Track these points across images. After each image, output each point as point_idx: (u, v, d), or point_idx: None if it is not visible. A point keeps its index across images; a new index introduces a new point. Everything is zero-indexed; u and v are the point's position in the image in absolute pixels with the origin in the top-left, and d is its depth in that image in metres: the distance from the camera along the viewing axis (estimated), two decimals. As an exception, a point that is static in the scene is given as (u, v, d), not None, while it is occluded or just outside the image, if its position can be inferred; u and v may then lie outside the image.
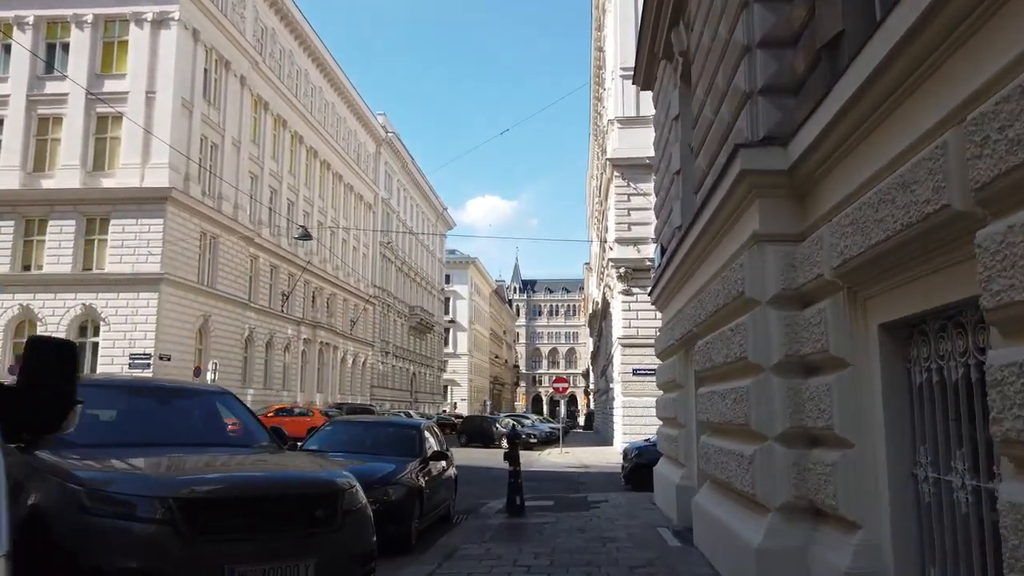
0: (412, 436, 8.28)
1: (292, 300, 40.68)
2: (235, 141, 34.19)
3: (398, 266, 61.98)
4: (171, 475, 4.05)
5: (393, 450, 8.03)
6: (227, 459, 4.52)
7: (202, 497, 3.71)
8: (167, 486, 3.73)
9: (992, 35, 2.62)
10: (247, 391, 34.98)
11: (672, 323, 8.72)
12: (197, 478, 4.04)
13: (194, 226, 30.37)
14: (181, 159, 29.12)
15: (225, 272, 32.90)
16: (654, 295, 10.53)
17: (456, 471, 10.04)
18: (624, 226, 27.27)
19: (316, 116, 44.79)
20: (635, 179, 27.33)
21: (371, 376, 54.74)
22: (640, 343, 26.66)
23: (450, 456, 9.86)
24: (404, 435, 8.39)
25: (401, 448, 8.07)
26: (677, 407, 8.31)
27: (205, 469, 4.30)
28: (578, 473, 18.64)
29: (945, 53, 2.93)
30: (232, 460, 4.50)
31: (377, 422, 9.03)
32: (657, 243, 10.50)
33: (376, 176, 57.17)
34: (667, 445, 9.11)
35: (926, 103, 3.16)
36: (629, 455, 14.02)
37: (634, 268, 26.90)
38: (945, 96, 2.98)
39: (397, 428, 8.73)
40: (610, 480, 16.24)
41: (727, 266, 5.46)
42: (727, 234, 5.58)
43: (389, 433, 8.54)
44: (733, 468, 5.25)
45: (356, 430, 8.62)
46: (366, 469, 7.08)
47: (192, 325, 30.17)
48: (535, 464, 21.57)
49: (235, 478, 4.07)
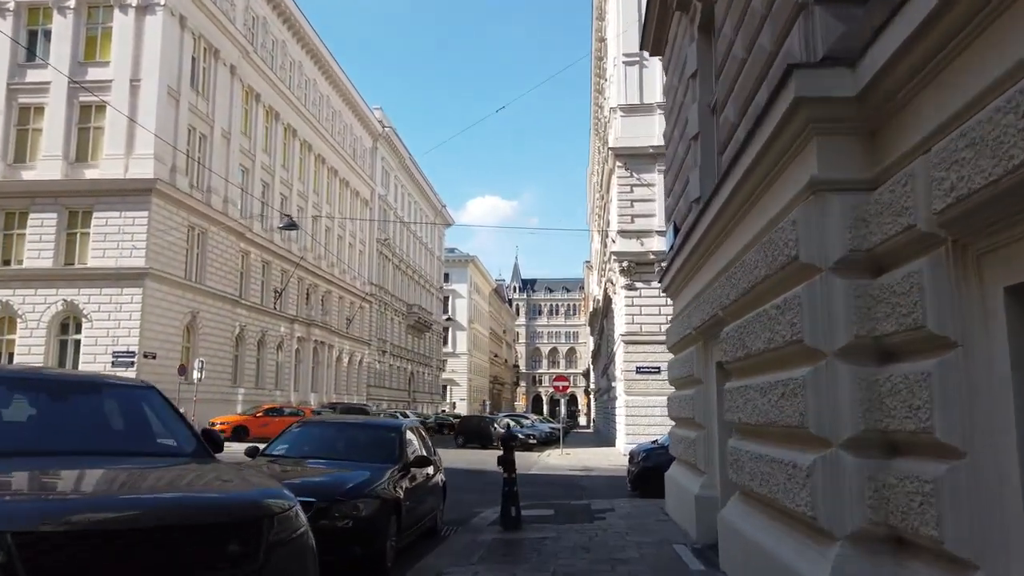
0: (391, 439, 7.18)
1: (285, 297, 39.60)
2: (225, 133, 33.11)
3: (395, 264, 60.90)
4: (18, 500, 2.88)
5: (369, 455, 6.95)
6: (117, 476, 3.39)
7: (59, 532, 2.59)
8: (5, 517, 2.60)
9: None
10: (238, 390, 33.94)
11: (688, 310, 7.65)
12: (58, 504, 2.88)
13: (181, 219, 29.29)
14: (167, 150, 28.04)
15: (214, 267, 31.82)
16: (665, 281, 9.46)
17: (444, 477, 8.95)
18: (627, 218, 26.18)
19: (310, 109, 43.71)
20: (638, 169, 26.24)
21: (368, 375, 53.66)
22: (644, 340, 25.58)
23: (437, 460, 8.78)
24: (382, 438, 7.28)
25: (378, 453, 6.99)
26: (695, 405, 7.23)
27: (76, 491, 3.19)
28: (580, 476, 17.56)
29: None
30: (125, 477, 3.40)
31: (352, 423, 7.87)
32: (669, 223, 9.42)
33: (373, 172, 56.08)
34: (682, 448, 8.02)
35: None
36: (636, 458, 12.94)
37: (637, 262, 25.82)
38: None
39: (374, 430, 7.59)
40: (614, 484, 15.15)
41: (771, 228, 4.38)
42: (771, 187, 4.49)
43: (365, 435, 7.43)
44: (779, 481, 4.17)
45: (327, 432, 7.51)
46: (331, 480, 6.03)
47: (179, 322, 29.09)
48: (534, 467, 20.49)
49: (112, 503, 2.91)
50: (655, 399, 25.16)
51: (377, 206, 56.33)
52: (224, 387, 32.29)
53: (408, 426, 7.89)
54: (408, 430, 7.80)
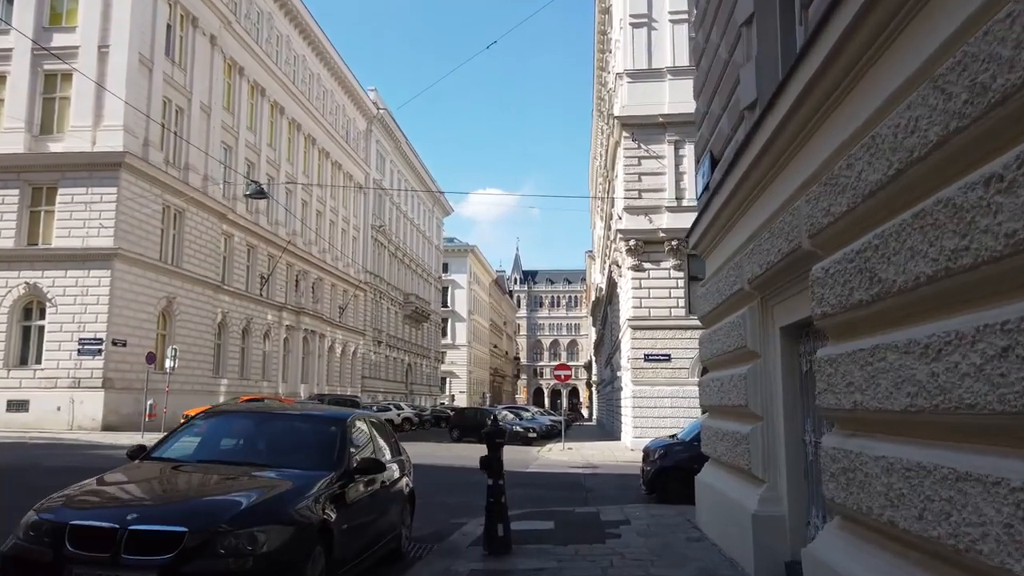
0: (329, 436, 5.15)
1: (273, 284, 37.62)
2: (204, 107, 31.05)
3: (392, 251, 58.88)
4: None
5: (297, 458, 4.97)
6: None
7: None
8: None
9: None
10: (220, 381, 32.03)
11: (732, 264, 5.66)
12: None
13: (154, 196, 27.28)
14: (138, 121, 25.99)
15: (193, 250, 29.83)
16: (695, 235, 7.47)
17: (411, 483, 6.95)
18: (634, 193, 24.13)
19: (299, 87, 41.62)
20: (646, 140, 24.17)
21: (362, 366, 51.73)
22: (652, 325, 23.59)
23: (403, 462, 6.80)
24: (317, 435, 5.24)
25: (310, 455, 5.01)
26: (747, 389, 5.23)
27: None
28: (584, 475, 15.59)
29: None
30: None
31: (278, 414, 5.69)
32: (701, 159, 7.40)
33: (367, 155, 54.01)
34: (724, 447, 6.02)
35: None
36: (651, 455, 10.95)
37: (645, 240, 23.78)
38: None
39: (309, 424, 5.43)
40: (624, 485, 13.17)
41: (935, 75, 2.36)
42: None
43: (295, 432, 5.35)
44: (967, 515, 2.19)
45: (244, 426, 5.42)
46: (216, 501, 4.02)
47: (153, 307, 27.12)
48: (533, 463, 18.52)
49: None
50: (665, 389, 23.21)
51: (372, 191, 54.25)
52: (205, 377, 30.35)
53: (358, 419, 5.85)
54: (358, 424, 5.79)
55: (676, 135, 23.98)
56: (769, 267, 4.62)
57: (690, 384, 23.18)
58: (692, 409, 23.11)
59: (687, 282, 23.75)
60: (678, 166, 23.96)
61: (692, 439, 10.54)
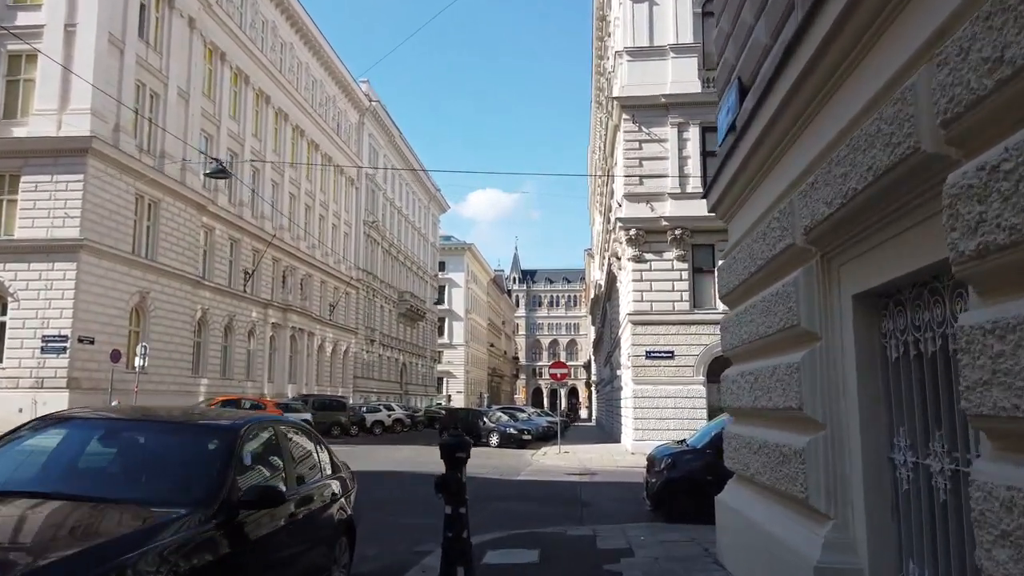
0: (205, 456, 3.54)
1: (258, 279, 36.04)
2: (182, 92, 29.47)
3: (385, 248, 57.30)
4: None
5: (151, 487, 3.43)
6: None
7: None
8: None
9: None
10: (199, 381, 30.46)
11: (777, 213, 4.08)
12: None
13: (126, 186, 25.70)
14: (108, 105, 24.41)
15: (170, 243, 28.25)
16: (715, 192, 5.93)
17: (348, 509, 5.36)
18: (634, 179, 22.59)
19: (287, 76, 40.04)
20: (647, 122, 22.62)
21: (354, 366, 50.16)
22: (654, 320, 22.04)
23: (340, 483, 5.24)
24: (188, 452, 3.63)
25: (169, 484, 3.46)
26: (803, 384, 3.66)
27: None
28: (580, 484, 14.02)
29: None
30: None
31: (143, 422, 3.93)
32: (728, 88, 5.83)
33: (359, 149, 52.45)
34: (762, 463, 4.46)
35: None
36: (656, 465, 9.38)
37: (647, 229, 22.24)
38: None
39: (181, 436, 3.78)
40: (625, 498, 11.62)
41: None
42: None
43: (157, 447, 3.72)
44: None
45: (85, 440, 3.75)
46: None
47: (124, 303, 25.54)
48: (525, 469, 16.93)
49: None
50: (667, 388, 21.67)
51: (364, 185, 52.72)
52: (182, 377, 28.77)
53: (260, 429, 4.25)
54: (261, 436, 4.20)
55: (679, 117, 22.45)
56: (845, 201, 3.07)
57: (695, 383, 21.64)
58: (697, 410, 21.59)
59: (691, 274, 22.22)
60: (681, 150, 22.43)
61: (705, 446, 8.99)
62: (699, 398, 21.54)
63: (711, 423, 10.05)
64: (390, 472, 15.01)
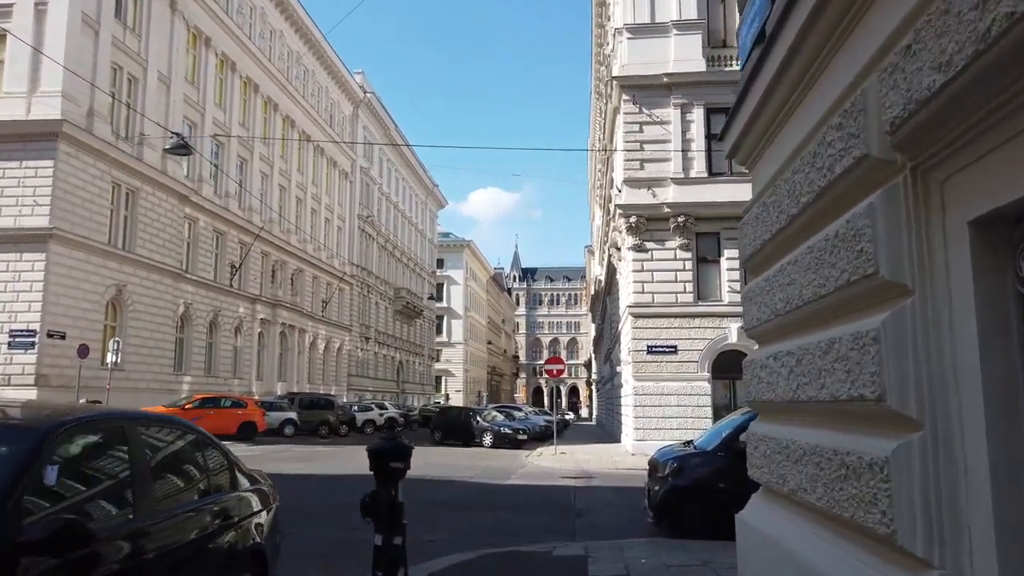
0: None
1: (245, 274, 34.82)
2: (163, 77, 28.23)
3: (381, 243, 56.06)
4: None
5: None
6: None
7: None
8: None
9: None
10: (182, 378, 29.24)
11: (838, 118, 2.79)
12: None
13: (100, 173, 24.46)
14: (81, 88, 23.17)
15: (149, 234, 27.02)
16: (735, 128, 4.66)
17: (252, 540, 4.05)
18: (635, 164, 21.32)
19: (276, 64, 38.79)
20: (649, 103, 21.36)
21: (348, 364, 48.93)
22: (656, 312, 20.77)
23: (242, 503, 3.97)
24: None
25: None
26: (884, 362, 2.39)
27: None
28: (576, 489, 12.76)
29: None
30: None
31: None
32: None
33: (353, 141, 51.13)
34: (809, 477, 3.19)
35: None
36: (660, 470, 8.11)
37: (648, 217, 20.97)
38: None
39: None
40: (624, 504, 10.37)
41: None
42: None
43: None
44: None
45: None
46: None
47: (99, 296, 24.30)
48: (517, 472, 15.66)
49: None
50: (670, 385, 20.41)
51: (359, 179, 51.49)
52: (163, 374, 27.54)
53: (85, 431, 2.93)
54: (87, 442, 2.91)
55: (682, 97, 21.18)
56: (983, 49, 1.81)
57: (700, 379, 20.37)
58: (702, 409, 20.32)
59: (695, 263, 20.95)
60: (685, 132, 21.16)
61: (716, 448, 7.74)
62: (704, 395, 20.28)
63: (722, 421, 8.78)
64: (360, 477, 13.77)
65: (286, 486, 11.93)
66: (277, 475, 13.23)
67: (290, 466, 15.26)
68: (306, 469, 14.62)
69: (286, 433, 26.01)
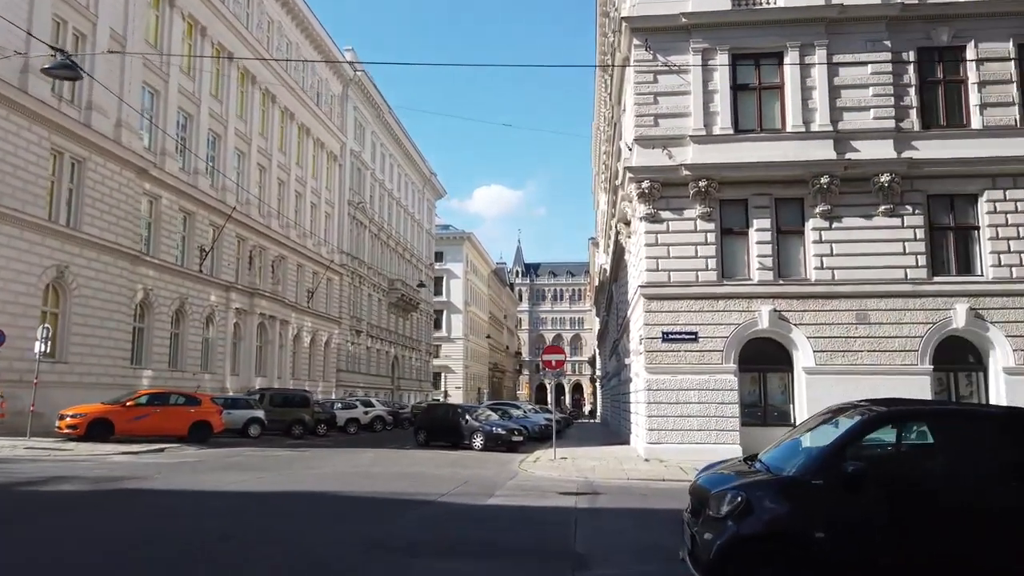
0: None
1: (218, 259, 31.83)
2: (116, 36, 25.17)
3: (373, 232, 52.99)
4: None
5: None
6: None
7: None
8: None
9: None
10: (141, 373, 26.27)
11: None
12: None
13: (37, 138, 21.47)
14: (12, 41, 20.11)
15: (99, 210, 24.00)
16: None
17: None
18: (648, 120, 18.21)
19: (254, 33, 35.73)
20: (665, 49, 18.25)
21: (337, 358, 45.93)
22: (673, 293, 17.71)
23: None
24: None
25: None
26: None
27: None
28: (575, 511, 9.67)
29: None
30: None
31: None
32: None
33: (343, 123, 48.12)
34: None
35: None
36: (714, 505, 4.96)
37: (663, 181, 17.87)
38: None
39: None
40: (647, 543, 7.31)
41: None
42: None
43: None
44: None
45: None
46: None
47: (35, 279, 21.29)
48: (504, 486, 12.52)
49: None
50: (690, 378, 17.33)
51: (349, 162, 48.42)
52: (117, 368, 24.52)
53: None
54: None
55: (704, 41, 18.07)
56: None
57: (725, 372, 17.27)
58: (727, 406, 17.16)
59: (719, 236, 17.87)
60: (707, 83, 18.04)
61: (805, 471, 4.64)
62: (729, 390, 17.19)
63: (818, 424, 5.66)
64: (314, 493, 10.72)
65: (175, 509, 8.72)
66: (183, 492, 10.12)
67: (224, 478, 12.22)
68: (239, 483, 11.56)
69: (251, 434, 22.98)
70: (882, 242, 17.35)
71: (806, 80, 17.82)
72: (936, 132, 17.63)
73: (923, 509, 4.62)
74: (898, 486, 4.76)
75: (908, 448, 5.26)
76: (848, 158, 17.39)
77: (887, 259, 17.29)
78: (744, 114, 18.03)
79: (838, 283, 17.34)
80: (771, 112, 18.05)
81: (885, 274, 17.23)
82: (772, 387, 17.95)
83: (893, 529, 4.52)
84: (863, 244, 17.36)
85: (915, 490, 4.72)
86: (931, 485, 4.80)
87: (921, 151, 17.42)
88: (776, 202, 17.79)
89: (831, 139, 17.52)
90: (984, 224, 17.37)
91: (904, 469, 5.11)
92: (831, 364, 17.07)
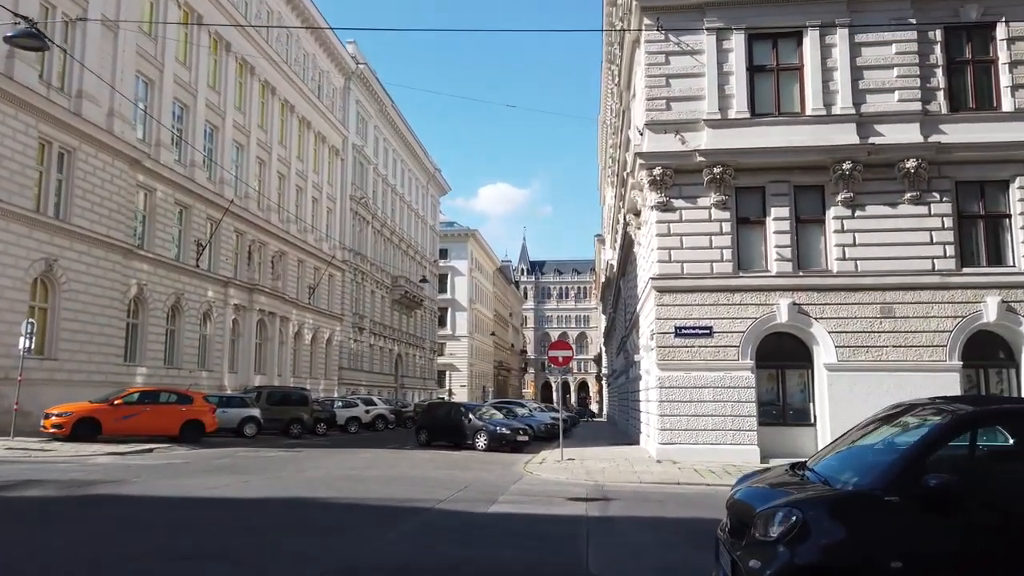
0: None
1: (216, 254, 31.05)
2: (109, 23, 24.36)
3: (376, 228, 52.16)
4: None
5: None
6: None
7: None
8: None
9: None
10: (135, 370, 25.50)
11: None
12: None
13: (23, 127, 20.69)
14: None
15: (90, 202, 23.22)
16: None
17: None
18: (660, 103, 17.30)
19: (253, 22, 34.88)
20: (677, 28, 17.32)
21: (340, 356, 45.15)
22: (686, 286, 16.79)
23: None
24: None
25: None
26: None
27: None
28: (586, 521, 8.80)
29: None
30: None
31: None
32: None
33: (345, 116, 47.29)
34: None
35: None
36: (760, 525, 4.08)
37: (676, 168, 16.96)
38: None
39: None
40: (672, 564, 6.44)
41: None
42: None
43: None
44: None
45: None
46: None
47: (22, 272, 20.52)
48: (507, 491, 11.63)
49: None
50: (704, 376, 16.42)
51: (351, 156, 47.62)
52: (109, 365, 23.74)
53: None
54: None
55: (718, 20, 17.14)
56: None
57: (742, 368, 16.36)
58: (744, 404, 16.22)
59: (735, 225, 16.95)
60: (722, 64, 17.11)
61: (874, 485, 3.74)
62: (746, 388, 16.28)
63: (879, 426, 4.76)
64: (304, 500, 9.86)
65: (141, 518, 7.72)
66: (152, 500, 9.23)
67: (205, 482, 11.38)
68: (218, 488, 10.70)
69: (246, 433, 22.17)
70: (908, 231, 16.40)
71: (827, 60, 16.88)
72: (965, 115, 16.67)
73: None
74: (995, 505, 3.85)
75: (990, 456, 4.36)
76: (872, 143, 16.45)
77: (913, 249, 16.34)
78: (761, 97, 17.10)
79: (861, 275, 16.40)
80: (790, 94, 17.12)
81: (911, 265, 16.28)
82: (791, 385, 17.02)
83: (990, 559, 3.63)
84: (888, 234, 16.42)
85: (1015, 510, 3.82)
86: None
87: (949, 135, 16.46)
88: (795, 189, 16.86)
89: (853, 123, 16.59)
90: (1016, 212, 16.40)
91: (998, 483, 4.16)
92: (854, 360, 16.15)
